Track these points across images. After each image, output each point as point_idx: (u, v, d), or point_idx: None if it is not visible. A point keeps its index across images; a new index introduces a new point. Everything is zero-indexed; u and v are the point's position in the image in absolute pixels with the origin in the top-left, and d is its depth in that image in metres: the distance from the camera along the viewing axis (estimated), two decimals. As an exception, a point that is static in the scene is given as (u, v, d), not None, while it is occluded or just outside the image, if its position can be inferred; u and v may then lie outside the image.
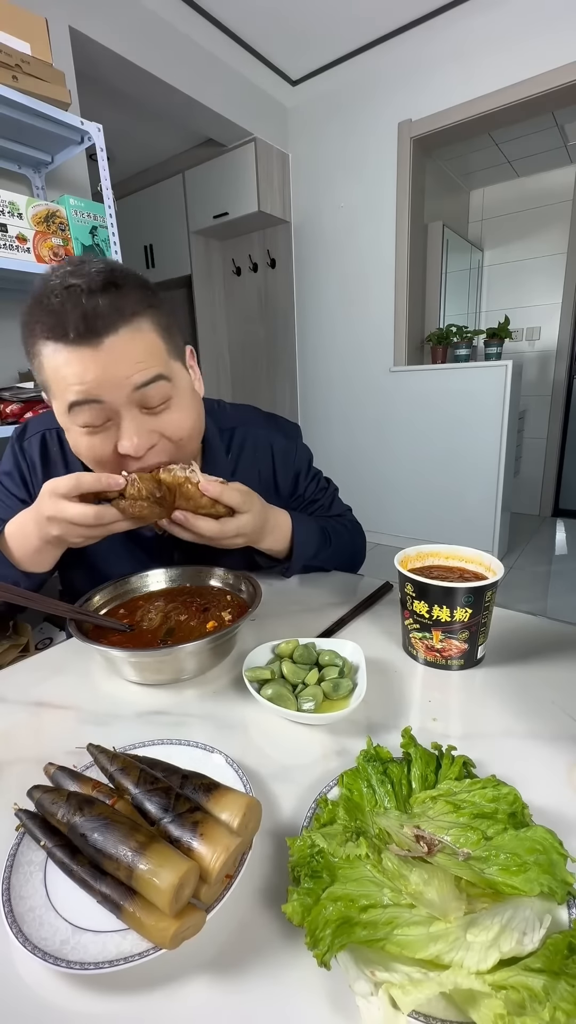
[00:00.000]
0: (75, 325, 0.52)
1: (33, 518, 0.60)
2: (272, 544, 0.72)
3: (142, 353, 0.56)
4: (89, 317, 0.52)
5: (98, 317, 0.52)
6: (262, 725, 0.49)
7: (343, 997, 0.27)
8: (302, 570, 0.82)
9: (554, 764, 0.42)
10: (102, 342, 0.53)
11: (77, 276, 0.53)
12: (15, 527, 0.62)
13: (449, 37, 2.44)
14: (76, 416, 0.56)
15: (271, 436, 0.86)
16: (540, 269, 3.66)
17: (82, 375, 0.54)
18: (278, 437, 0.86)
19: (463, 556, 0.62)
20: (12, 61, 1.44)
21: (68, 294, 0.52)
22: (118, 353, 0.54)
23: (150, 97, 2.45)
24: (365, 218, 2.93)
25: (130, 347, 0.55)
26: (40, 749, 0.47)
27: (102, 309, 0.52)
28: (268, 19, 2.38)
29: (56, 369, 0.55)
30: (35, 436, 0.75)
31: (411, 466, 3.10)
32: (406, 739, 0.42)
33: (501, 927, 0.27)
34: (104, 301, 0.53)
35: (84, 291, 0.52)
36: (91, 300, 0.52)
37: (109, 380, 0.54)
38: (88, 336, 0.53)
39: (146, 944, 0.28)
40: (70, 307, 0.52)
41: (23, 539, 0.62)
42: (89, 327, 0.52)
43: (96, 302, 0.52)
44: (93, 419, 0.56)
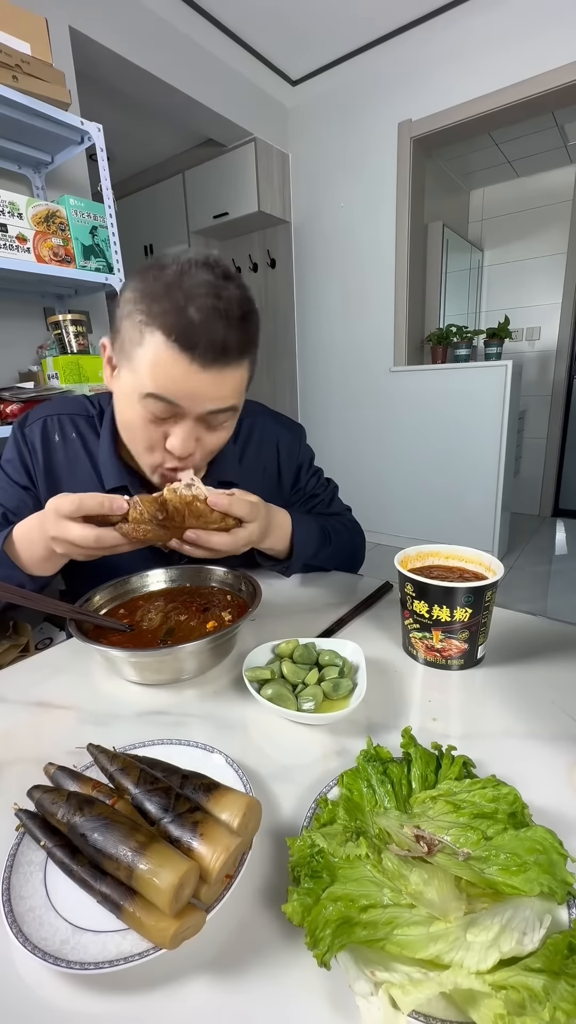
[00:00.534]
0: (204, 349, 0.55)
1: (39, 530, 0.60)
2: (273, 543, 0.73)
3: (232, 388, 0.61)
4: (217, 347, 0.55)
5: (226, 350, 0.56)
6: (262, 725, 0.49)
7: (343, 997, 0.27)
8: (302, 569, 0.82)
9: (554, 764, 0.42)
10: (213, 367, 0.57)
11: (220, 297, 0.55)
12: (23, 532, 0.62)
13: (449, 37, 2.44)
14: (146, 402, 0.59)
15: (276, 430, 0.88)
16: (540, 269, 3.66)
17: (182, 383, 0.57)
18: (284, 432, 0.89)
19: (463, 556, 0.62)
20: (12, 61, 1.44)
21: (210, 311, 0.54)
22: (219, 384, 0.58)
23: (150, 97, 2.45)
24: (365, 218, 2.94)
25: (228, 381, 0.59)
26: (40, 749, 0.47)
27: (231, 343, 0.56)
28: (268, 19, 2.38)
29: (158, 361, 0.56)
30: (37, 422, 0.77)
31: (411, 466, 3.10)
32: (406, 739, 0.42)
33: (501, 927, 0.27)
34: (233, 337, 0.56)
35: (224, 318, 0.55)
36: (227, 328, 0.55)
37: (197, 396, 0.58)
38: (207, 357, 0.56)
39: (146, 944, 0.28)
40: (209, 327, 0.54)
41: (29, 545, 0.62)
42: (213, 356, 0.56)
43: (230, 331, 0.56)
44: (160, 412, 0.60)
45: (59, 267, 1.59)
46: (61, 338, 1.71)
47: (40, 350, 1.85)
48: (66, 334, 1.71)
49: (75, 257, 1.65)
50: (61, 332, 1.70)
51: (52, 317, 1.71)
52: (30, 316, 1.88)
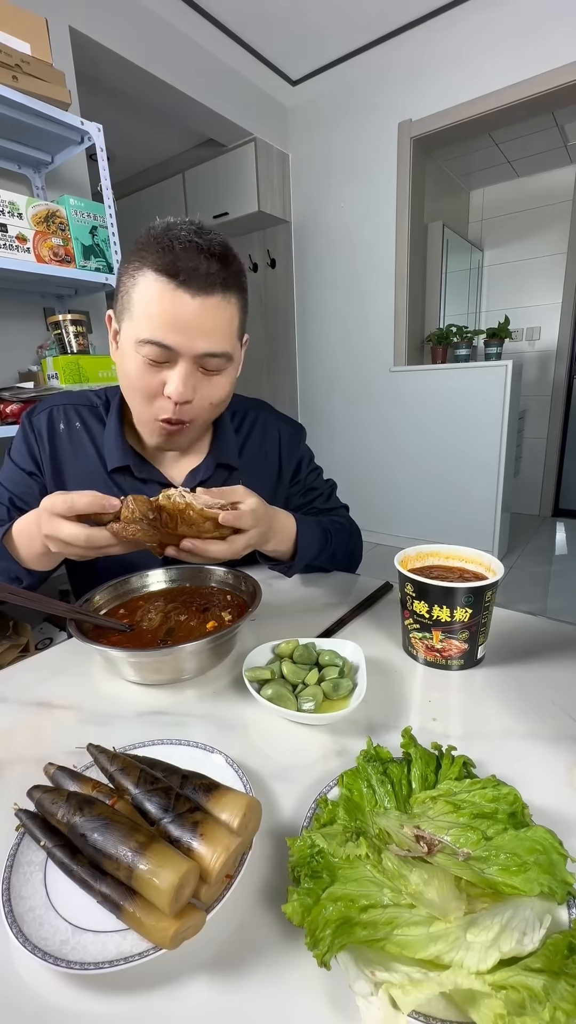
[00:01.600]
0: (187, 272, 0.59)
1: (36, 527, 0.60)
2: (276, 546, 0.73)
3: (223, 324, 0.63)
4: (201, 272, 0.59)
5: (208, 275, 0.60)
6: (262, 725, 0.49)
7: (343, 997, 0.27)
8: (303, 570, 0.83)
9: (554, 764, 0.42)
10: (200, 296, 0.60)
11: (200, 237, 0.60)
12: (22, 527, 0.64)
13: (449, 37, 2.44)
14: (142, 347, 0.62)
15: (279, 423, 0.91)
16: (540, 269, 3.66)
17: (169, 315, 0.60)
18: (286, 427, 0.92)
19: (463, 556, 0.62)
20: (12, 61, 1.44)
21: (191, 246, 0.59)
22: (207, 313, 0.61)
23: (150, 97, 2.45)
24: (365, 218, 2.93)
25: (217, 312, 0.62)
26: (40, 749, 0.47)
27: (213, 271, 0.60)
28: (268, 19, 2.38)
29: (150, 299, 0.60)
30: (43, 412, 0.79)
31: (411, 466, 3.10)
32: (406, 739, 0.42)
33: (501, 927, 0.27)
34: (216, 266, 0.60)
35: (204, 251, 0.60)
36: (208, 260, 0.60)
37: (189, 331, 0.61)
38: (192, 285, 0.59)
39: (146, 944, 0.28)
40: (189, 257, 0.59)
41: (28, 540, 0.63)
42: (198, 279, 0.60)
43: (211, 264, 0.60)
44: (156, 356, 0.62)
45: (59, 267, 1.59)
46: (61, 338, 1.71)
47: (40, 350, 1.85)
48: (66, 334, 1.71)
49: (75, 257, 1.65)
50: (61, 332, 1.70)
51: (52, 317, 1.71)
52: (30, 316, 1.88)
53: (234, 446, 0.82)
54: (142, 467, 0.76)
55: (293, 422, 0.94)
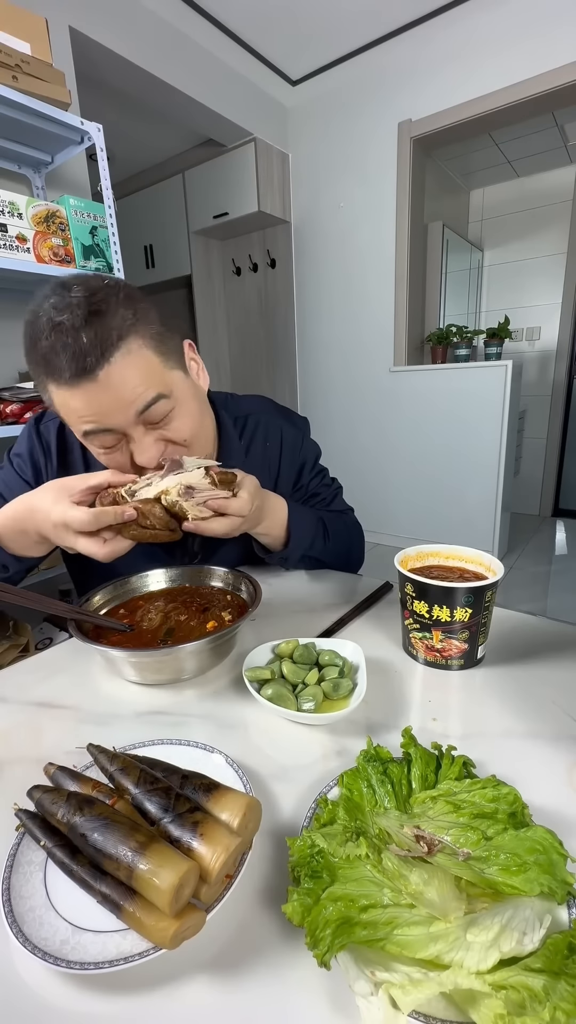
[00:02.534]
0: (68, 366, 0.54)
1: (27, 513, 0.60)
2: (268, 528, 0.73)
3: (138, 377, 0.58)
4: (78, 356, 0.54)
5: (87, 354, 0.54)
6: (262, 725, 0.49)
7: (343, 997, 0.27)
8: (302, 562, 0.82)
9: (554, 764, 0.42)
10: (97, 376, 0.55)
11: (60, 311, 0.54)
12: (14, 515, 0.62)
13: (449, 37, 2.44)
14: (91, 440, 0.62)
15: (281, 425, 0.89)
16: (540, 269, 3.66)
17: (87, 409, 0.58)
18: (288, 427, 0.89)
19: (463, 556, 0.62)
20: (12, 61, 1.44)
21: (56, 334, 0.54)
22: (115, 383, 0.56)
23: (150, 97, 2.45)
24: (365, 218, 2.94)
25: (125, 373, 0.57)
26: (40, 749, 0.47)
27: (88, 345, 0.54)
28: (268, 19, 2.38)
29: (63, 405, 0.59)
30: (53, 421, 0.77)
31: (411, 466, 3.11)
32: (406, 739, 0.42)
33: (501, 927, 0.27)
34: (89, 334, 0.54)
35: (69, 329, 0.54)
36: (77, 337, 0.54)
37: (112, 410, 0.58)
38: (82, 374, 0.55)
39: (146, 944, 0.28)
40: (60, 348, 0.54)
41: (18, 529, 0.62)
42: (80, 366, 0.54)
43: (82, 338, 0.54)
44: (106, 442, 0.61)
45: (59, 267, 1.59)
46: (61, 338, 1.71)
47: (40, 350, 1.85)
48: (66, 334, 1.70)
49: (75, 257, 1.65)
50: (61, 332, 1.70)
51: (52, 317, 1.71)
52: (30, 316, 1.88)
53: (239, 454, 0.81)
54: None
55: (295, 419, 0.93)
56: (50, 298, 0.56)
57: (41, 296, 0.58)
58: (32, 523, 0.60)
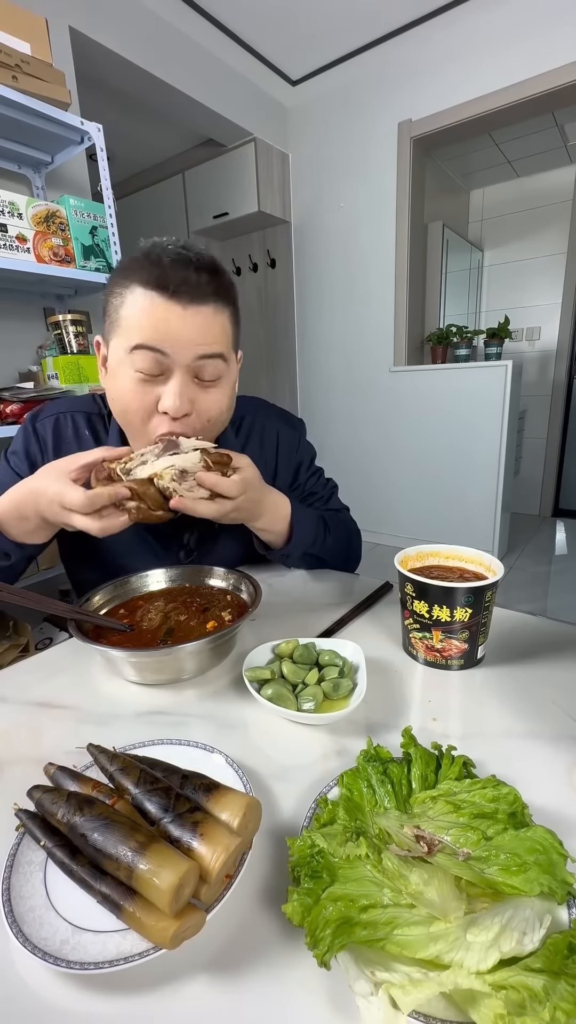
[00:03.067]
0: (177, 284, 0.59)
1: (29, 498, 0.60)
2: (269, 524, 0.73)
3: (216, 331, 0.63)
4: (191, 283, 0.59)
5: (199, 286, 0.60)
6: (262, 725, 0.49)
7: (343, 997, 0.27)
8: (303, 560, 0.82)
9: (554, 764, 0.42)
10: (192, 306, 0.60)
11: (188, 250, 0.61)
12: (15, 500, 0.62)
13: (449, 37, 2.44)
14: (135, 358, 0.61)
15: (278, 426, 0.89)
16: (540, 269, 3.66)
17: (162, 324, 0.59)
18: (284, 427, 0.89)
19: (463, 556, 0.62)
20: (12, 61, 1.44)
21: (179, 259, 0.59)
22: (199, 321, 0.61)
23: (150, 97, 2.45)
24: (365, 218, 2.94)
25: (210, 321, 0.62)
26: (40, 749, 0.47)
27: (203, 282, 0.60)
28: (268, 19, 2.38)
29: (138, 311, 0.60)
30: (49, 418, 0.77)
31: (411, 466, 3.11)
32: (406, 739, 0.42)
33: (501, 927, 0.27)
34: (206, 278, 0.61)
35: (193, 263, 0.60)
36: (197, 272, 0.60)
37: (182, 338, 0.60)
38: (183, 296, 0.59)
39: (146, 944, 0.28)
40: (178, 269, 0.59)
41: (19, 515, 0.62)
42: (188, 290, 0.59)
43: (200, 276, 0.60)
44: (149, 367, 0.61)
45: (59, 267, 1.59)
46: (61, 338, 1.71)
47: (40, 350, 1.85)
48: (66, 334, 1.71)
49: (75, 257, 1.65)
50: (61, 332, 1.70)
51: (52, 317, 1.71)
52: (30, 316, 1.88)
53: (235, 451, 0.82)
54: None
55: (291, 419, 0.93)
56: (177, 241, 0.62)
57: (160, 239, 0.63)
58: (32, 506, 0.60)
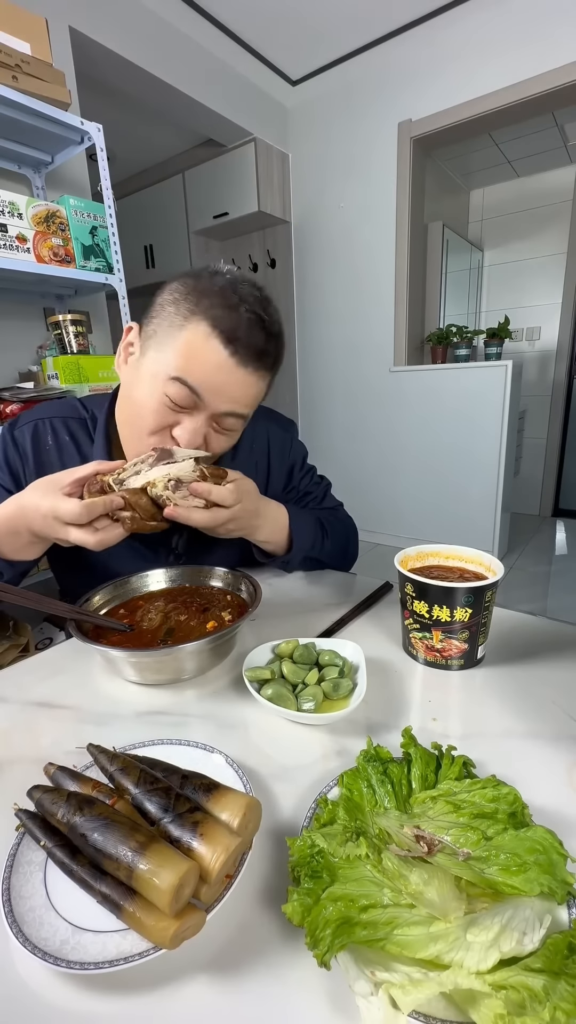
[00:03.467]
0: (246, 346, 0.61)
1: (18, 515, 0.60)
2: (268, 536, 0.73)
3: (252, 398, 0.66)
4: (254, 350, 0.61)
5: (261, 355, 0.63)
6: (262, 725, 0.49)
7: (343, 997, 0.27)
8: (302, 564, 0.82)
9: (554, 764, 0.42)
10: (246, 371, 0.62)
11: (264, 310, 0.62)
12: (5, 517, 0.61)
13: (449, 37, 2.44)
14: (170, 386, 0.62)
15: (268, 428, 0.88)
16: (540, 269, 3.66)
17: (212, 373, 0.61)
18: (275, 429, 0.89)
19: (463, 556, 0.62)
20: (12, 61, 1.44)
21: (255, 320, 0.61)
22: (245, 386, 0.64)
23: (150, 97, 2.45)
24: (365, 218, 2.93)
25: (251, 388, 0.64)
26: (40, 749, 0.47)
27: (267, 351, 0.63)
28: (268, 19, 2.38)
29: (197, 349, 0.60)
30: (27, 425, 0.75)
31: (411, 466, 3.10)
32: (406, 739, 0.42)
33: (501, 927, 0.27)
34: (271, 347, 0.64)
35: (265, 329, 0.62)
36: (266, 340, 0.62)
37: (221, 395, 0.62)
38: (245, 359, 0.61)
39: (146, 944, 0.28)
40: (252, 330, 0.61)
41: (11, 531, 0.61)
42: (252, 356, 0.62)
43: (267, 344, 0.63)
44: (180, 400, 0.62)
45: (59, 267, 1.59)
46: (61, 338, 1.71)
47: (40, 350, 1.85)
48: (66, 334, 1.71)
49: (75, 257, 1.65)
50: (61, 332, 1.70)
51: (52, 317, 1.71)
52: (30, 316, 1.88)
53: (227, 456, 0.80)
54: None
55: (282, 420, 0.92)
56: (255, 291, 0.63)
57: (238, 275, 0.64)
58: (23, 521, 0.59)
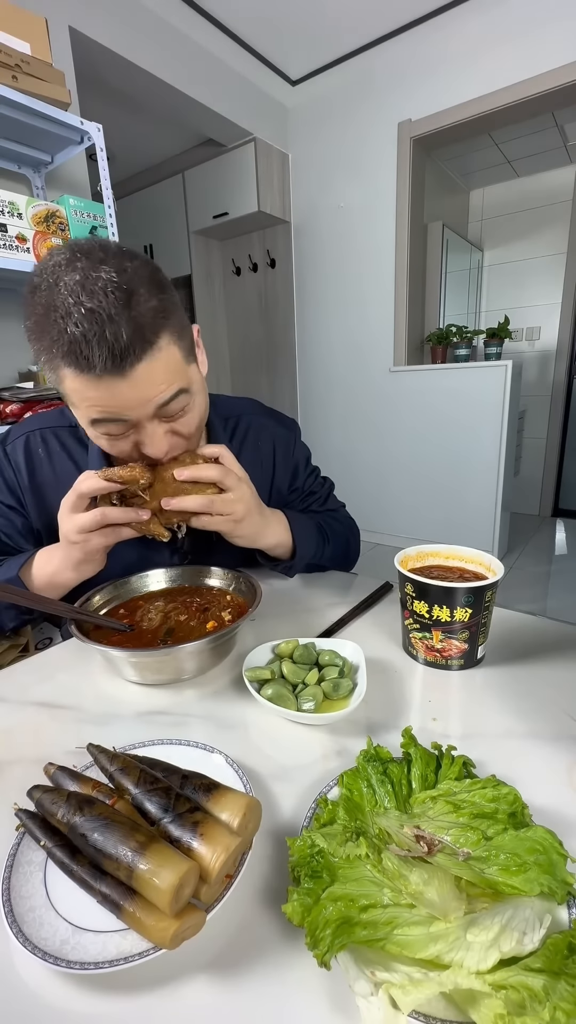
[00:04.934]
0: (102, 360, 0.50)
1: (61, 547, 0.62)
2: (273, 540, 0.73)
3: (165, 373, 0.55)
4: (114, 351, 0.50)
5: (123, 350, 0.50)
6: (262, 725, 0.49)
7: (343, 997, 0.27)
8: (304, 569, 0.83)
9: (554, 764, 0.42)
10: (127, 373, 0.52)
11: (91, 294, 0.49)
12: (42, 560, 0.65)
13: (449, 37, 2.44)
14: (98, 427, 0.57)
15: (273, 427, 0.88)
16: (540, 269, 3.66)
17: (107, 401, 0.54)
18: (279, 429, 0.89)
19: (463, 556, 0.62)
20: (12, 61, 1.44)
21: (88, 322, 0.49)
22: (143, 380, 0.53)
23: (150, 97, 2.45)
24: (365, 218, 2.93)
25: (154, 371, 0.54)
26: (40, 749, 0.47)
27: (126, 340, 0.50)
28: (268, 19, 2.37)
29: (79, 391, 0.54)
30: (18, 440, 0.75)
31: (411, 466, 3.10)
32: (406, 739, 0.42)
33: (501, 927, 0.27)
34: (127, 329, 0.50)
35: (104, 319, 0.49)
36: (113, 329, 0.49)
37: (134, 404, 0.55)
38: (114, 370, 0.51)
39: (146, 944, 0.28)
40: (93, 339, 0.49)
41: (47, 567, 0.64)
42: (115, 362, 0.50)
43: (121, 333, 0.49)
44: (114, 431, 0.58)
45: (59, 267, 1.59)
46: (61, 338, 1.71)
47: (40, 350, 1.85)
48: (66, 334, 1.70)
49: (75, 257, 1.64)
50: (61, 332, 1.70)
51: (52, 317, 1.71)
52: (30, 316, 1.87)
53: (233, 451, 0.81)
54: None
55: (286, 420, 0.92)
56: (73, 270, 0.50)
57: (58, 262, 0.51)
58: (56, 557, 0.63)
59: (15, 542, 0.74)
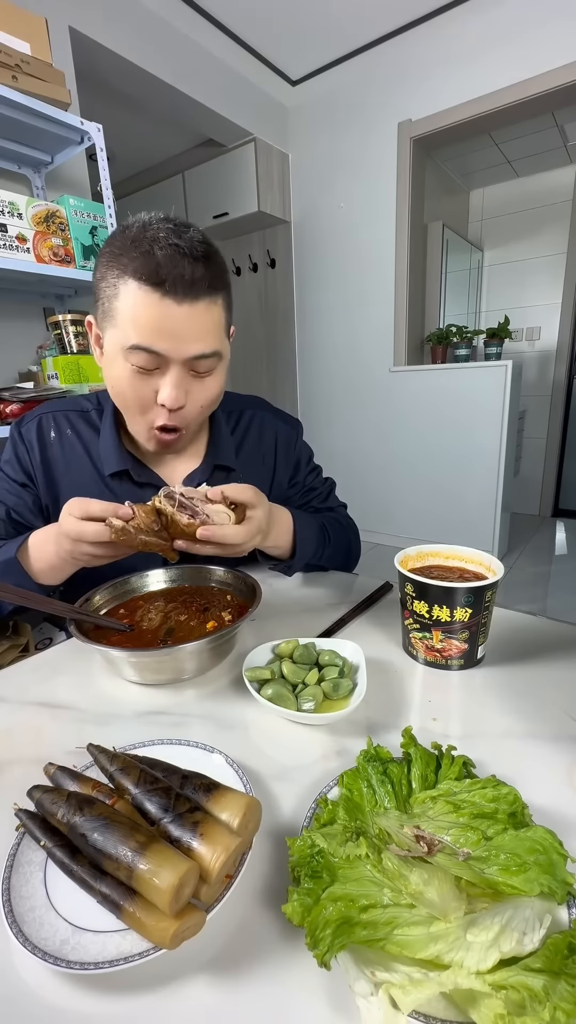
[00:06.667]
0: (172, 279, 0.57)
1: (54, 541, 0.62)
2: (275, 541, 0.73)
3: (211, 326, 0.62)
4: (187, 279, 0.58)
5: (194, 282, 0.58)
6: (262, 725, 0.49)
7: (343, 997, 0.27)
8: (303, 569, 0.83)
9: (554, 764, 0.42)
10: (188, 302, 0.59)
11: (180, 238, 0.58)
12: (37, 541, 0.65)
13: (449, 37, 2.44)
14: (131, 355, 0.61)
15: (276, 423, 0.90)
16: (540, 269, 3.66)
17: (159, 322, 0.59)
18: (282, 426, 0.90)
19: (463, 556, 0.62)
20: (12, 61, 1.44)
21: (172, 250, 0.57)
22: (195, 319, 0.60)
23: (150, 97, 2.45)
24: (365, 218, 2.94)
25: (205, 317, 0.61)
26: (40, 749, 0.47)
27: (198, 275, 0.59)
28: (268, 19, 2.37)
29: (134, 307, 0.59)
30: (33, 421, 0.78)
31: (411, 466, 3.10)
32: (406, 739, 0.42)
33: (501, 927, 0.27)
34: (200, 270, 0.59)
35: (187, 254, 0.58)
36: (192, 264, 0.58)
37: (178, 339, 0.60)
38: (179, 292, 0.58)
39: (146, 944, 0.28)
40: (173, 262, 0.57)
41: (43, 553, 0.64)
42: (183, 286, 0.58)
43: (195, 268, 0.58)
44: (146, 363, 0.61)
45: (59, 267, 1.59)
46: (61, 338, 1.71)
47: (40, 350, 1.85)
48: (66, 334, 1.71)
49: (75, 257, 1.65)
50: (61, 332, 1.70)
51: (52, 317, 1.71)
52: (30, 316, 1.88)
53: (230, 447, 0.82)
54: (140, 471, 0.76)
55: (290, 419, 0.93)
56: (166, 223, 0.59)
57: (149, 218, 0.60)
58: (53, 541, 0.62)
59: (25, 519, 0.76)
